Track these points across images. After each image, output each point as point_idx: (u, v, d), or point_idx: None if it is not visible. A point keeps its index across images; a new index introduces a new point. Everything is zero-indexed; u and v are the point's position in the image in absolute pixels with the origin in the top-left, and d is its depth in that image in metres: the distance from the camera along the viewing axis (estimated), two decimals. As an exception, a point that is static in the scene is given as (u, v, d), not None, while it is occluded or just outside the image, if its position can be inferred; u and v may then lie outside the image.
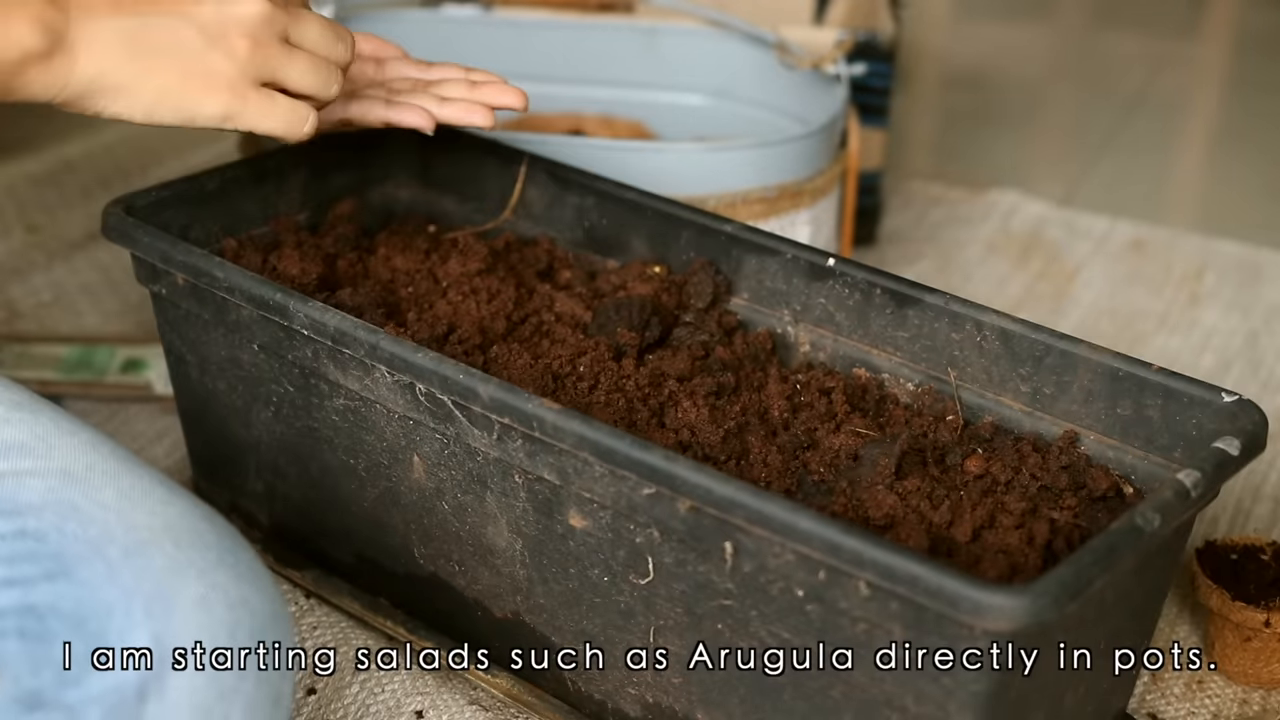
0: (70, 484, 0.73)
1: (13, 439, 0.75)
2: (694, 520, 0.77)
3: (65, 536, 0.70)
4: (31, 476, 0.73)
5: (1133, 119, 2.06)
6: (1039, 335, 0.90)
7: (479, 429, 0.84)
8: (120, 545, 0.70)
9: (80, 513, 0.71)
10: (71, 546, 0.70)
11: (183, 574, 0.70)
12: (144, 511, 0.72)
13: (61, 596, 0.68)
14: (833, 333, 0.98)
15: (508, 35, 1.46)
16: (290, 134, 0.88)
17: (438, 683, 0.97)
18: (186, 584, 0.69)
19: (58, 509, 0.71)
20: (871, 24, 1.52)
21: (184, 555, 0.70)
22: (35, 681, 0.67)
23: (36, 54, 0.79)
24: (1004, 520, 0.83)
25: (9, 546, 0.70)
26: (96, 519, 0.71)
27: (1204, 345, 1.45)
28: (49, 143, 1.72)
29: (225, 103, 0.85)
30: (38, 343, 1.32)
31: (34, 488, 0.72)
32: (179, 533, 0.71)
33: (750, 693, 0.82)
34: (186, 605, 0.69)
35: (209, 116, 0.85)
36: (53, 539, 0.70)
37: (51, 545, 0.70)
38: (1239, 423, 0.83)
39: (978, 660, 0.71)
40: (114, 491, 0.73)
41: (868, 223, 1.59)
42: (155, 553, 0.70)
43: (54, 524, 0.71)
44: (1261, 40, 2.45)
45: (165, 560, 0.70)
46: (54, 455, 0.74)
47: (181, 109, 0.84)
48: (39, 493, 0.72)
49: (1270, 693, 1.01)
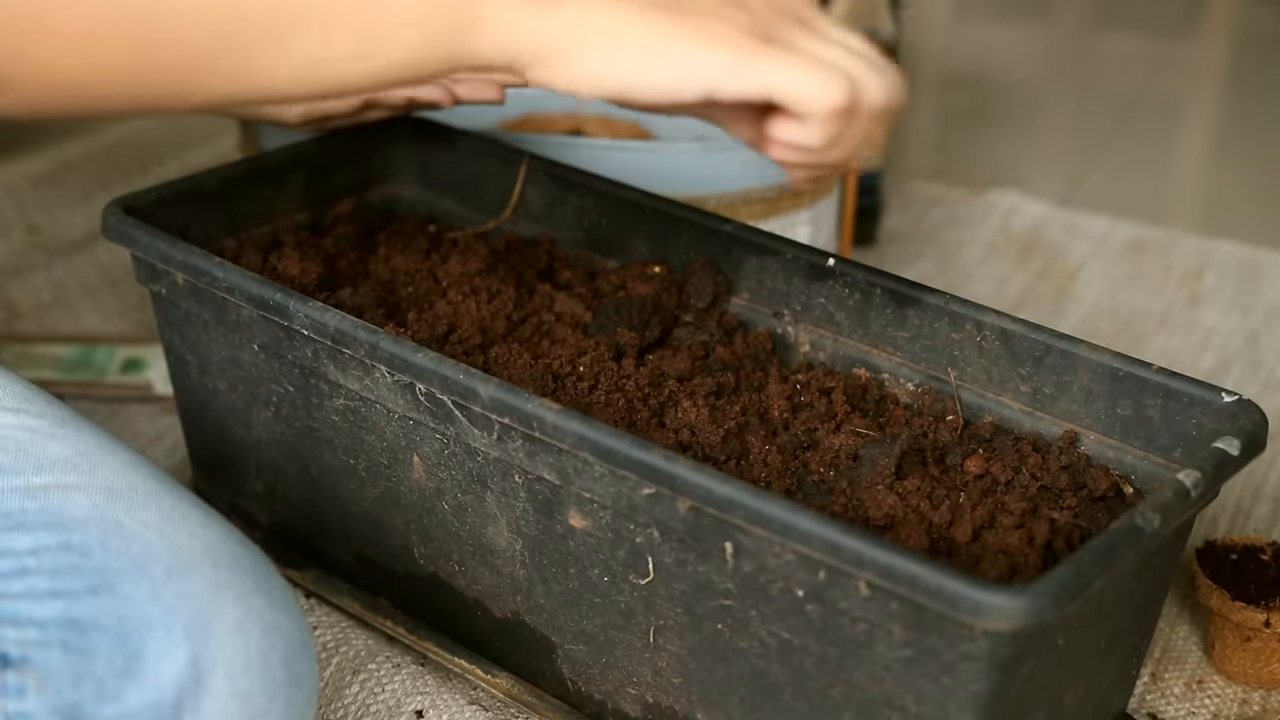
0: (114, 501, 0.73)
1: (58, 454, 0.75)
2: (694, 520, 0.77)
3: (109, 552, 0.70)
4: (76, 492, 0.73)
5: (1132, 119, 2.06)
6: (1039, 335, 0.90)
7: (479, 429, 0.84)
8: (163, 564, 0.70)
9: (124, 529, 0.71)
10: (115, 562, 0.70)
11: (221, 597, 0.70)
12: (184, 533, 0.72)
13: (105, 611, 0.68)
14: (833, 333, 0.98)
15: (508, 35, 1.46)
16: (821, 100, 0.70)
17: (438, 683, 0.97)
18: (225, 607, 0.70)
19: (101, 525, 0.71)
20: (871, 24, 1.52)
21: (223, 578, 0.71)
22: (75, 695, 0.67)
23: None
24: (1004, 520, 0.83)
25: (53, 559, 0.70)
26: (140, 537, 0.71)
27: (1204, 345, 1.45)
28: (49, 143, 1.72)
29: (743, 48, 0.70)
30: (38, 343, 1.32)
31: (78, 503, 0.72)
32: (218, 555, 0.72)
33: (750, 693, 0.82)
34: (225, 628, 0.69)
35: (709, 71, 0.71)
36: (97, 554, 0.70)
37: (95, 560, 0.70)
38: (1239, 423, 0.83)
39: (978, 660, 0.71)
40: (156, 511, 0.73)
41: (868, 223, 1.59)
42: (196, 574, 0.70)
43: (98, 539, 0.71)
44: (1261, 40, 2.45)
45: (205, 582, 0.70)
46: (97, 472, 0.74)
47: (677, 67, 0.70)
48: (83, 508, 0.72)
49: (1270, 693, 1.01)
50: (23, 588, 0.69)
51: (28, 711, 0.66)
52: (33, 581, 0.69)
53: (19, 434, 0.76)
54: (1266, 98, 2.17)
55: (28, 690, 0.67)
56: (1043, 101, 2.17)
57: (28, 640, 0.67)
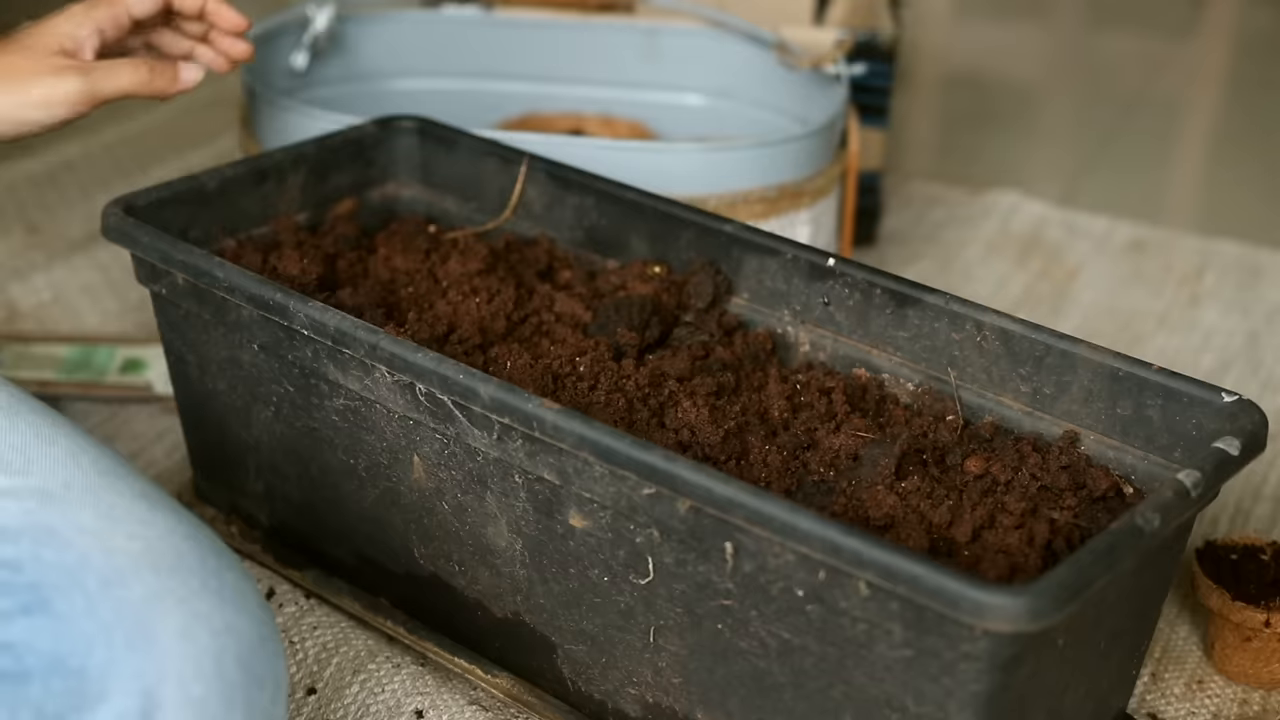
0: (47, 505, 0.69)
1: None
2: (694, 520, 0.77)
3: (42, 565, 0.67)
4: (7, 498, 0.70)
5: (1132, 119, 2.06)
6: (1039, 335, 0.90)
7: (479, 429, 0.84)
8: (98, 574, 0.67)
9: (57, 538, 0.68)
10: (48, 576, 0.67)
11: (163, 603, 0.66)
12: (123, 534, 0.69)
13: (38, 632, 0.65)
14: (833, 333, 0.98)
15: (508, 35, 1.46)
16: None
17: (438, 683, 0.97)
18: (167, 614, 0.66)
19: (34, 534, 0.68)
20: (871, 24, 1.52)
21: (164, 583, 0.67)
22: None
23: None
24: (1004, 520, 0.83)
25: None
26: (74, 544, 0.68)
27: (1204, 345, 1.45)
28: (49, 143, 1.72)
29: None
30: (38, 343, 1.32)
31: (9, 510, 0.69)
32: (159, 556, 0.68)
33: (750, 693, 0.82)
34: (169, 637, 0.66)
35: None
36: (29, 568, 0.67)
37: (28, 575, 0.67)
38: (1239, 423, 0.83)
39: (978, 660, 0.71)
40: (92, 513, 0.70)
41: (868, 223, 1.59)
42: (134, 581, 0.67)
43: (30, 551, 0.67)
44: (1261, 40, 2.45)
45: (144, 589, 0.67)
46: (31, 471, 0.71)
47: None
48: (15, 516, 0.69)
49: (1270, 693, 1.01)
50: None
51: None
52: None
53: None
54: (1267, 97, 2.17)
55: None
56: (1043, 101, 2.17)
57: None
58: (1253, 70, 2.32)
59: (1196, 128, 2.12)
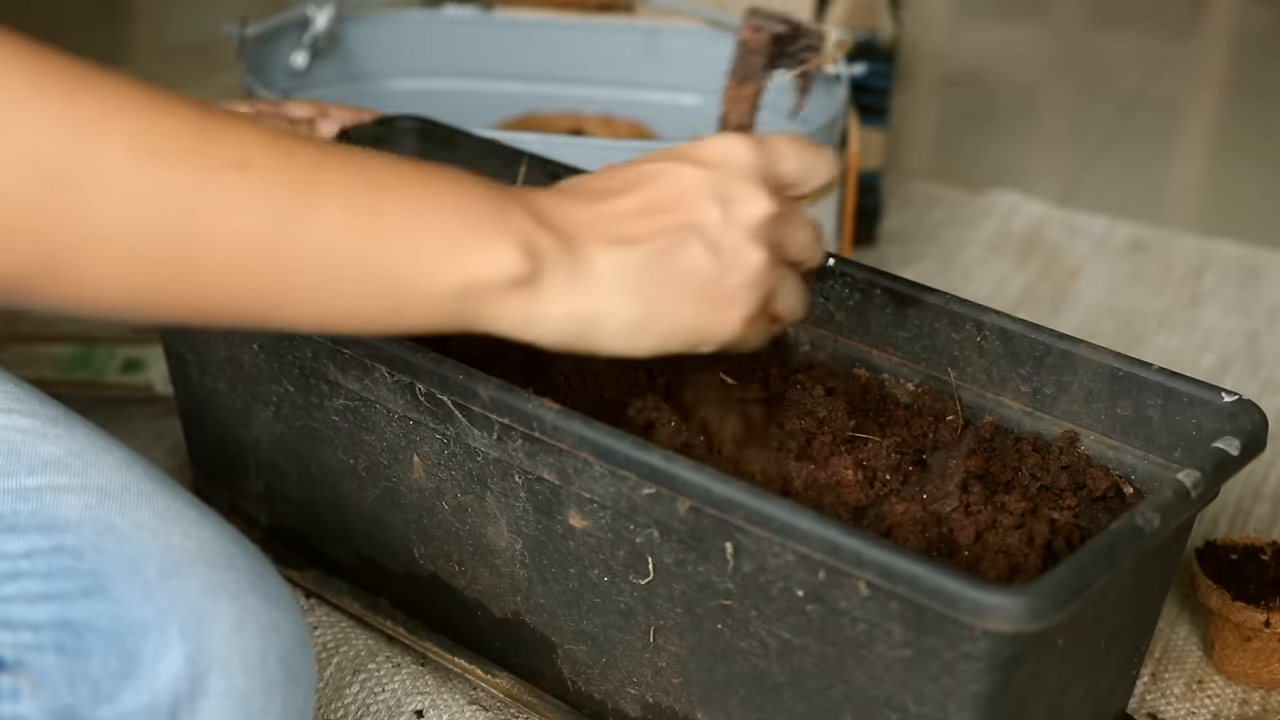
0: (106, 502, 0.73)
1: (50, 455, 0.75)
2: (694, 520, 0.77)
3: (103, 554, 0.70)
4: (68, 493, 0.73)
5: (1132, 119, 2.06)
6: (1039, 335, 0.90)
7: (479, 429, 0.84)
8: (156, 565, 0.70)
9: (117, 531, 0.71)
10: (109, 564, 0.70)
11: (217, 596, 0.70)
12: (179, 533, 0.72)
13: (99, 613, 0.68)
14: (833, 333, 0.98)
15: (508, 35, 1.46)
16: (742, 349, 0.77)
17: (438, 683, 0.97)
18: (220, 607, 0.69)
19: (95, 526, 0.71)
20: (871, 24, 1.52)
21: (218, 578, 0.70)
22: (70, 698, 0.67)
23: (513, 281, 0.69)
24: (1004, 520, 0.83)
25: (47, 562, 0.70)
26: (133, 538, 0.71)
27: (1204, 345, 1.45)
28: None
29: (736, 331, 0.75)
30: (38, 343, 1.32)
31: (71, 504, 0.72)
32: (213, 555, 0.72)
33: (750, 693, 0.82)
34: (221, 628, 0.69)
35: (716, 344, 0.75)
36: (90, 556, 0.70)
37: (89, 562, 0.70)
38: (1239, 423, 0.83)
39: (978, 660, 0.71)
40: (149, 511, 0.73)
41: (868, 223, 1.59)
42: (191, 574, 0.70)
43: (91, 541, 0.70)
44: (1261, 40, 2.45)
45: (200, 582, 0.70)
46: (90, 473, 0.74)
47: (691, 339, 0.74)
48: (76, 510, 0.72)
49: (1270, 693, 1.01)
50: (16, 590, 0.69)
51: (22, 715, 0.66)
52: (26, 584, 0.69)
53: (11, 435, 0.75)
54: (1267, 98, 2.17)
55: (22, 693, 0.66)
56: (1043, 101, 2.17)
57: (21, 643, 0.67)
58: (1253, 70, 2.32)
59: (1196, 128, 2.12)
